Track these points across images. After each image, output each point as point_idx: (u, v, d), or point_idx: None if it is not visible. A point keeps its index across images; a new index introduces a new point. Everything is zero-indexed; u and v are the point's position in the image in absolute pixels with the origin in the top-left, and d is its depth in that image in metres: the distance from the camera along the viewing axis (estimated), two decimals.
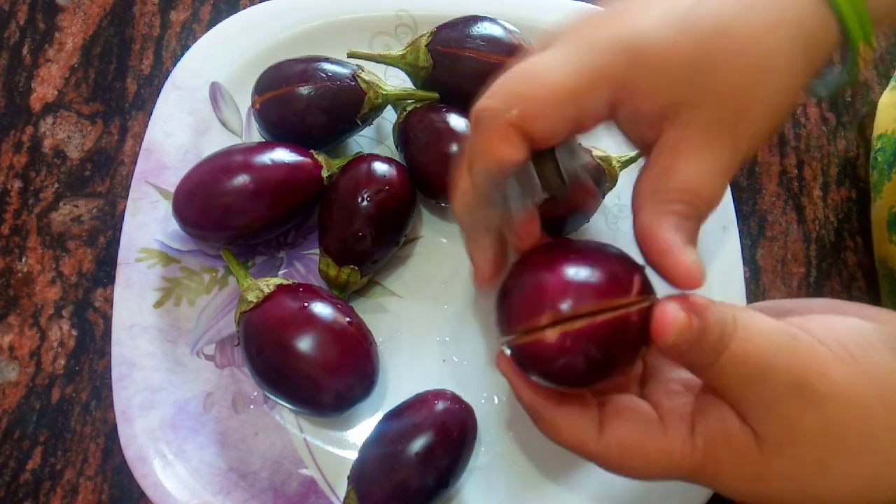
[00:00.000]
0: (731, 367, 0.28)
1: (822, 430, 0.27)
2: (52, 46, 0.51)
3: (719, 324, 0.28)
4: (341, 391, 0.39)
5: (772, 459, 0.28)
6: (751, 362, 0.27)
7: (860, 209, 0.51)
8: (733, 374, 0.28)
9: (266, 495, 0.40)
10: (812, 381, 0.27)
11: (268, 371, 0.39)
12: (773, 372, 0.27)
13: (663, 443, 0.30)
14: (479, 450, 0.42)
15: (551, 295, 0.28)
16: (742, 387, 0.28)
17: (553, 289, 0.29)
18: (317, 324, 0.39)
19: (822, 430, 0.27)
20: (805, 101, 0.54)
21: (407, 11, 0.50)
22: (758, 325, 0.28)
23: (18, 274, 0.46)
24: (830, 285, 0.49)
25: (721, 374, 0.28)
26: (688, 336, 0.27)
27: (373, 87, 0.44)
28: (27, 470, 0.42)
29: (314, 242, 0.45)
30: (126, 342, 0.42)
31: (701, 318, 0.27)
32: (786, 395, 0.27)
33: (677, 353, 0.28)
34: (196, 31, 0.52)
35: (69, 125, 0.49)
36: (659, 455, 0.30)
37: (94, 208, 0.48)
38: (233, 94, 0.48)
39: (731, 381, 0.28)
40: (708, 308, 0.28)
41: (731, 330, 0.28)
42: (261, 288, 0.40)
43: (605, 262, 0.30)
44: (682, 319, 0.27)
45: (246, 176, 0.41)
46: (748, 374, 0.27)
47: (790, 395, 0.27)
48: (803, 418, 0.27)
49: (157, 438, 0.40)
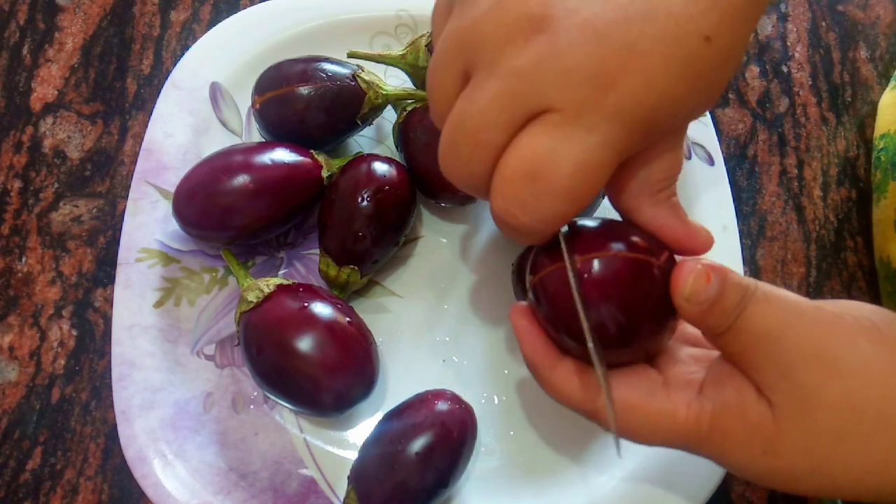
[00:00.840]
0: (747, 326, 0.28)
1: (843, 402, 0.27)
2: (52, 46, 0.51)
3: (740, 286, 0.28)
4: (341, 391, 0.39)
5: (786, 431, 0.27)
6: (767, 323, 0.27)
7: (860, 209, 0.51)
8: (749, 335, 0.28)
9: (266, 495, 0.40)
10: (838, 351, 0.27)
11: (268, 371, 0.39)
12: (790, 335, 0.27)
13: (665, 404, 0.29)
14: (479, 450, 0.42)
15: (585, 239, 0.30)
16: (758, 350, 0.28)
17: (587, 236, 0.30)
18: (317, 324, 0.39)
19: (844, 401, 0.27)
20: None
21: (407, 11, 0.50)
22: (779, 294, 0.28)
23: (18, 274, 0.46)
24: (830, 285, 0.49)
25: (739, 336, 0.28)
26: (706, 292, 0.28)
27: (373, 87, 0.44)
28: (27, 470, 0.42)
29: (314, 242, 0.45)
30: (126, 342, 0.42)
31: (721, 278, 0.28)
32: (806, 363, 0.27)
33: (698, 313, 0.28)
34: (196, 31, 0.52)
35: (69, 125, 0.49)
36: (660, 416, 0.29)
37: (94, 208, 0.48)
38: (233, 94, 0.48)
39: (747, 345, 0.28)
40: (728, 271, 0.28)
41: (751, 294, 0.28)
42: (261, 288, 0.40)
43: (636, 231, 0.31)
44: (699, 270, 0.28)
45: (246, 176, 0.41)
46: (764, 336, 0.27)
47: (811, 363, 0.27)
48: (825, 388, 0.27)
49: (157, 438, 0.40)
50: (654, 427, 0.30)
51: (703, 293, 0.28)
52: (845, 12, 0.57)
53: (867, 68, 0.55)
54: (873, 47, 0.56)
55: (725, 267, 0.29)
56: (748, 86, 0.54)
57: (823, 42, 0.56)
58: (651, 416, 0.30)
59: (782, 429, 0.28)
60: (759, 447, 0.28)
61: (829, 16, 0.56)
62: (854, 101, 0.54)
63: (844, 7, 0.57)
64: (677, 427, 0.29)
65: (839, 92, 0.54)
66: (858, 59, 0.55)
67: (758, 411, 0.28)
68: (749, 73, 0.54)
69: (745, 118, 0.53)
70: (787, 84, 0.54)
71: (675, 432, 0.30)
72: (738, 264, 0.46)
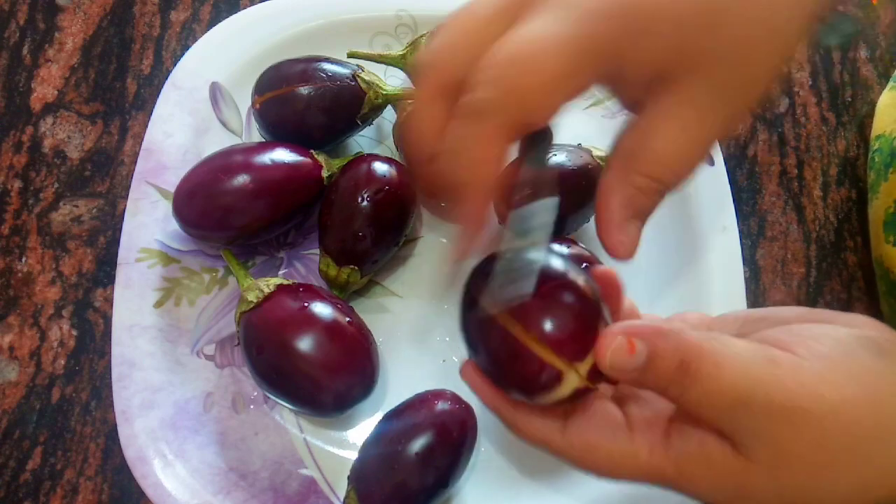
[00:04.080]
0: (708, 399, 0.27)
1: (817, 449, 0.27)
2: (52, 46, 0.51)
3: (676, 350, 0.27)
4: (341, 391, 0.39)
5: (758, 480, 0.27)
6: (728, 397, 0.26)
7: (860, 209, 0.51)
8: (712, 405, 0.27)
9: (266, 495, 0.40)
10: (802, 404, 0.26)
11: (268, 371, 0.39)
12: (756, 400, 0.26)
13: (628, 445, 0.29)
14: (479, 450, 0.42)
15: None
16: (724, 417, 0.27)
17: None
18: (317, 324, 0.39)
19: (818, 449, 0.27)
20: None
21: (407, 11, 0.50)
22: (732, 355, 0.27)
23: (18, 274, 0.46)
24: (830, 285, 0.49)
25: (700, 405, 0.27)
26: (631, 362, 0.27)
27: (373, 87, 0.44)
28: (27, 470, 0.42)
29: (314, 242, 0.45)
30: (126, 342, 0.42)
31: (650, 344, 0.27)
32: (775, 421, 0.26)
33: (629, 380, 0.28)
34: (196, 31, 0.52)
35: (69, 125, 0.49)
36: (622, 457, 0.29)
37: (94, 208, 0.48)
38: (233, 94, 0.48)
39: (711, 413, 0.27)
40: (659, 336, 0.27)
41: (693, 360, 0.26)
42: (261, 288, 0.40)
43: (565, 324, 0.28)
44: (618, 342, 0.27)
45: (246, 176, 0.41)
46: (729, 406, 0.27)
47: (780, 420, 0.26)
48: (797, 441, 0.26)
49: (157, 438, 0.40)
50: (617, 466, 0.29)
51: (626, 363, 0.27)
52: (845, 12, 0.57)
53: (867, 68, 0.55)
54: (873, 47, 0.56)
55: (659, 329, 0.27)
56: None
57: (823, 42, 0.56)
58: (613, 455, 0.29)
59: (754, 478, 0.27)
60: (730, 492, 0.28)
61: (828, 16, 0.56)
62: (854, 101, 0.54)
63: (844, 7, 0.57)
64: (640, 468, 0.29)
65: (839, 92, 0.54)
66: (858, 59, 0.55)
67: (724, 462, 0.27)
68: None
69: None
70: (787, 84, 0.54)
71: (639, 472, 0.29)
72: (738, 264, 0.46)
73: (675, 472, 0.28)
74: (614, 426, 0.30)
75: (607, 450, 0.29)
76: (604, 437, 0.29)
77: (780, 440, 0.27)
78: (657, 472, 0.29)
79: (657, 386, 0.27)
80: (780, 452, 0.27)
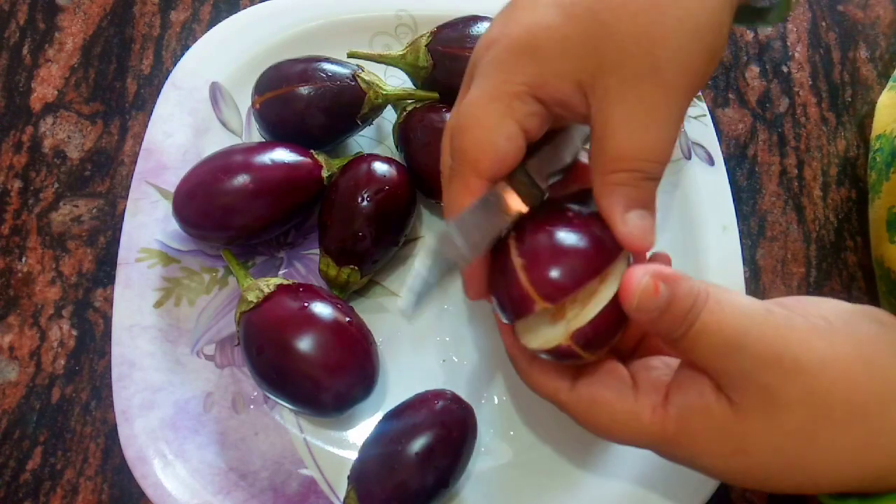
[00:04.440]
0: (704, 337, 0.28)
1: (807, 400, 0.27)
2: (52, 46, 0.51)
3: (690, 294, 0.28)
4: (341, 391, 0.39)
5: (754, 431, 0.28)
6: (725, 332, 0.28)
7: (860, 209, 0.51)
8: (707, 344, 0.28)
9: (266, 495, 0.40)
10: (794, 352, 0.27)
11: (268, 371, 0.39)
12: (749, 342, 0.27)
13: (632, 405, 0.30)
14: (479, 450, 0.42)
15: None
16: (718, 358, 0.28)
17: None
18: (317, 324, 0.39)
19: (808, 399, 0.27)
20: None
21: (407, 11, 0.50)
22: (731, 299, 0.29)
23: (18, 274, 0.46)
24: (830, 285, 0.49)
25: (695, 344, 0.28)
26: (655, 301, 0.28)
27: (373, 87, 0.44)
28: (27, 470, 0.42)
29: (314, 242, 0.45)
30: (126, 342, 0.42)
31: (670, 287, 0.28)
32: (765, 366, 0.27)
33: (648, 320, 0.29)
34: (196, 31, 0.52)
35: (69, 125, 0.49)
36: (626, 415, 0.30)
37: (94, 208, 0.48)
38: (233, 94, 0.48)
39: (705, 352, 0.28)
40: (678, 279, 0.28)
41: (702, 301, 0.28)
42: (261, 288, 0.40)
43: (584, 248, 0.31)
44: (645, 283, 0.28)
45: (246, 176, 0.41)
46: (723, 345, 0.28)
47: (770, 365, 0.27)
48: (786, 388, 0.27)
49: (157, 438, 0.40)
50: (621, 426, 0.30)
51: (651, 303, 0.28)
52: (845, 12, 0.57)
53: (867, 68, 0.55)
54: (873, 47, 0.56)
55: (676, 273, 0.29)
56: (748, 86, 0.54)
57: (823, 42, 0.56)
58: (618, 414, 0.30)
59: (749, 428, 0.28)
60: (728, 447, 0.29)
61: (829, 16, 0.56)
62: (854, 101, 0.54)
63: (844, 7, 0.57)
64: (643, 428, 0.30)
65: (839, 92, 0.54)
66: (858, 59, 0.55)
67: (721, 412, 0.29)
68: (749, 73, 0.54)
69: (745, 118, 0.53)
70: (787, 84, 0.54)
71: (641, 433, 0.30)
72: (738, 264, 0.46)
73: (675, 429, 0.29)
74: (621, 384, 0.31)
75: (612, 408, 0.30)
76: (610, 394, 0.31)
77: (771, 386, 0.28)
78: (659, 432, 0.30)
79: (670, 327, 0.29)
80: (771, 399, 0.28)
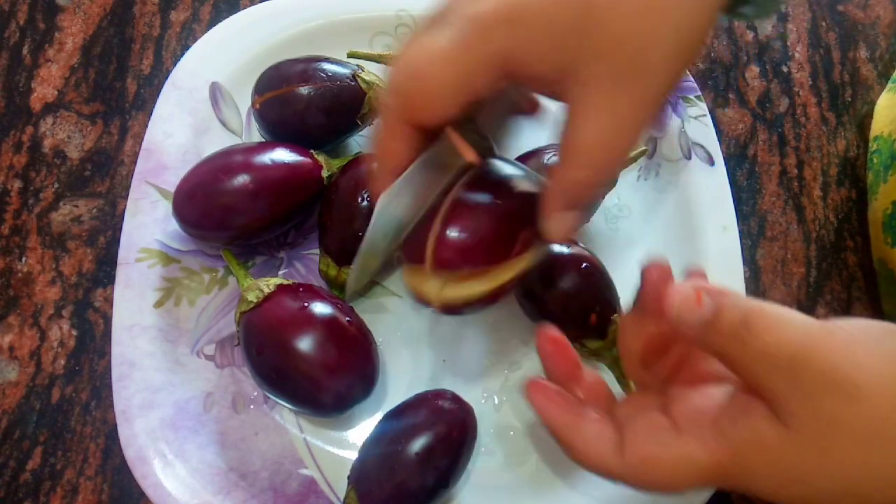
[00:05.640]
0: (765, 357, 0.27)
1: (865, 426, 0.27)
2: (52, 46, 0.51)
3: (738, 307, 0.28)
4: (341, 391, 0.39)
5: (813, 461, 0.27)
6: (789, 350, 0.27)
7: (860, 209, 0.51)
8: (769, 364, 0.27)
9: (266, 495, 0.40)
10: (852, 376, 0.27)
11: (268, 371, 0.39)
12: (809, 364, 0.27)
13: (681, 449, 0.29)
14: (479, 450, 0.42)
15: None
16: (780, 378, 0.27)
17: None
18: (317, 324, 0.39)
19: (866, 425, 0.27)
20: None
21: (407, 11, 0.50)
22: (790, 317, 0.28)
23: (18, 274, 0.46)
24: (830, 285, 0.49)
25: (755, 363, 0.27)
26: (696, 314, 0.28)
27: (373, 87, 0.44)
28: (27, 470, 0.42)
29: (314, 242, 0.45)
30: (126, 342, 0.42)
31: (715, 299, 0.28)
32: (826, 390, 0.27)
33: (695, 336, 0.28)
34: (196, 31, 0.52)
35: (69, 125, 0.49)
36: (678, 460, 0.29)
37: (94, 208, 0.48)
38: (233, 94, 0.48)
39: (767, 372, 0.27)
40: (725, 293, 0.28)
41: (755, 316, 0.27)
42: (261, 288, 0.40)
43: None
44: (686, 294, 0.28)
45: (246, 176, 0.41)
46: (787, 365, 0.27)
47: (832, 390, 0.26)
48: (847, 414, 0.27)
49: (157, 438, 0.40)
50: (677, 476, 0.29)
51: (693, 314, 0.28)
52: (845, 12, 0.57)
53: (867, 68, 0.55)
54: (873, 47, 0.56)
55: (725, 289, 0.28)
56: (748, 86, 0.54)
57: (823, 42, 0.56)
58: (669, 465, 0.29)
59: (808, 458, 0.27)
60: (785, 477, 0.28)
61: (829, 16, 0.56)
62: (854, 101, 0.54)
63: (844, 7, 0.57)
64: (700, 469, 0.29)
65: (839, 92, 0.54)
66: (858, 59, 0.55)
67: (778, 443, 0.28)
68: (749, 73, 0.54)
69: (745, 118, 0.53)
70: (787, 84, 0.54)
71: (699, 474, 0.29)
72: (738, 264, 0.46)
73: (732, 462, 0.28)
74: (662, 432, 0.30)
75: (663, 461, 0.29)
76: (657, 446, 0.30)
77: (832, 414, 0.27)
78: (716, 468, 0.29)
79: (719, 342, 0.28)
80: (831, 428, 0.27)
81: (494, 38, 0.29)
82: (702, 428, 0.29)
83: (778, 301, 0.48)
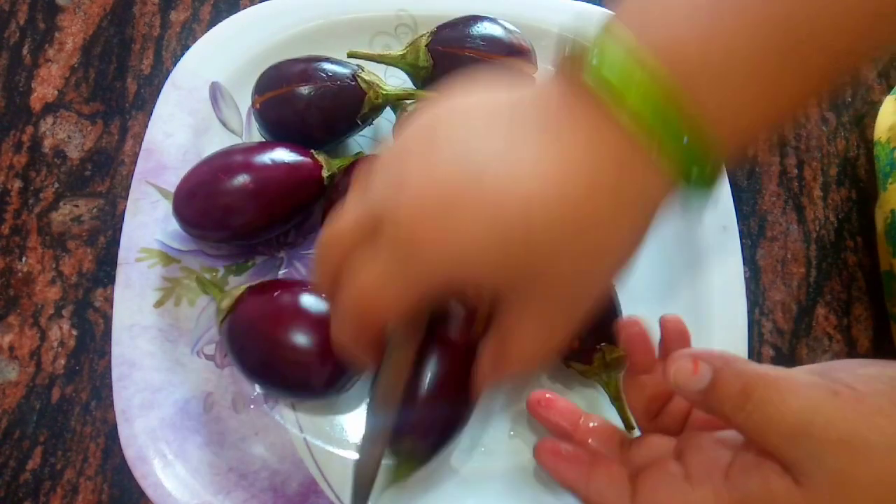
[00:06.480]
0: (770, 425, 0.28)
1: (875, 482, 0.27)
2: (52, 46, 0.51)
3: (737, 377, 0.28)
4: (330, 369, 0.38)
5: None
6: (791, 421, 0.27)
7: (860, 209, 0.51)
8: (775, 432, 0.28)
9: (266, 495, 0.40)
10: (862, 434, 0.27)
11: (255, 363, 0.39)
12: (816, 430, 0.27)
13: (691, 497, 0.30)
14: (479, 450, 0.42)
15: None
16: (786, 444, 0.28)
17: None
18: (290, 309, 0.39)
19: (876, 481, 0.27)
20: None
21: (407, 11, 0.50)
22: (791, 384, 0.28)
23: (18, 274, 0.46)
24: (830, 285, 0.49)
25: (762, 432, 0.28)
26: (694, 382, 0.29)
27: (373, 87, 0.44)
28: (27, 470, 0.42)
29: (314, 242, 0.45)
30: (126, 342, 0.42)
31: (714, 367, 0.29)
32: (834, 450, 0.27)
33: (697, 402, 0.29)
34: (196, 31, 0.52)
35: (69, 125, 0.49)
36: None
37: (94, 208, 0.48)
38: (233, 94, 0.48)
39: (774, 440, 0.28)
40: (724, 360, 0.29)
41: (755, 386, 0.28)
42: (232, 295, 0.40)
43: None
44: (683, 363, 0.29)
45: (246, 176, 0.41)
46: (791, 432, 0.27)
47: (839, 449, 0.27)
48: (857, 470, 0.27)
49: (157, 438, 0.40)
50: None
51: (691, 383, 0.29)
52: None
53: (867, 68, 0.55)
54: None
55: (725, 354, 0.29)
56: None
57: None
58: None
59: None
60: None
61: None
62: (854, 101, 0.54)
63: None
64: None
65: (839, 92, 0.54)
66: None
67: (787, 498, 0.28)
68: None
69: None
70: None
71: None
72: (738, 264, 0.46)
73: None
74: (674, 480, 0.31)
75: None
76: (669, 495, 0.31)
77: (842, 469, 0.27)
78: None
79: (720, 410, 0.29)
80: (842, 482, 0.27)
81: (435, 271, 0.29)
82: (714, 479, 0.30)
83: (778, 301, 0.48)
